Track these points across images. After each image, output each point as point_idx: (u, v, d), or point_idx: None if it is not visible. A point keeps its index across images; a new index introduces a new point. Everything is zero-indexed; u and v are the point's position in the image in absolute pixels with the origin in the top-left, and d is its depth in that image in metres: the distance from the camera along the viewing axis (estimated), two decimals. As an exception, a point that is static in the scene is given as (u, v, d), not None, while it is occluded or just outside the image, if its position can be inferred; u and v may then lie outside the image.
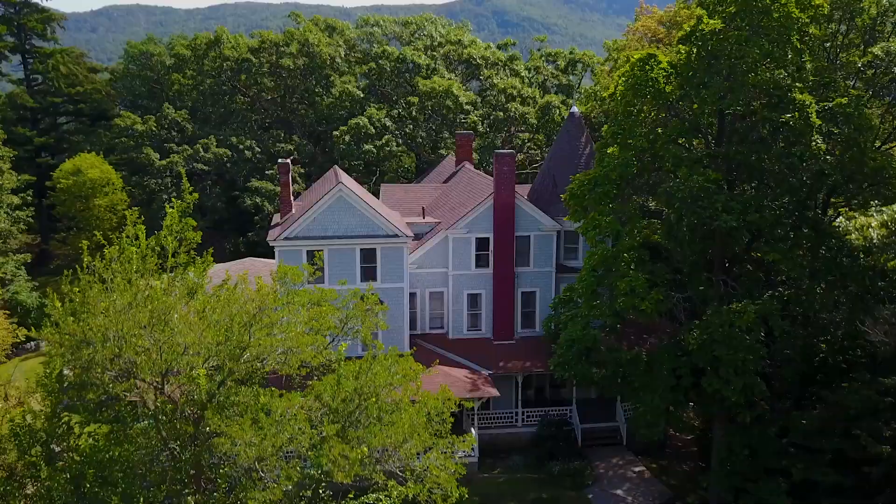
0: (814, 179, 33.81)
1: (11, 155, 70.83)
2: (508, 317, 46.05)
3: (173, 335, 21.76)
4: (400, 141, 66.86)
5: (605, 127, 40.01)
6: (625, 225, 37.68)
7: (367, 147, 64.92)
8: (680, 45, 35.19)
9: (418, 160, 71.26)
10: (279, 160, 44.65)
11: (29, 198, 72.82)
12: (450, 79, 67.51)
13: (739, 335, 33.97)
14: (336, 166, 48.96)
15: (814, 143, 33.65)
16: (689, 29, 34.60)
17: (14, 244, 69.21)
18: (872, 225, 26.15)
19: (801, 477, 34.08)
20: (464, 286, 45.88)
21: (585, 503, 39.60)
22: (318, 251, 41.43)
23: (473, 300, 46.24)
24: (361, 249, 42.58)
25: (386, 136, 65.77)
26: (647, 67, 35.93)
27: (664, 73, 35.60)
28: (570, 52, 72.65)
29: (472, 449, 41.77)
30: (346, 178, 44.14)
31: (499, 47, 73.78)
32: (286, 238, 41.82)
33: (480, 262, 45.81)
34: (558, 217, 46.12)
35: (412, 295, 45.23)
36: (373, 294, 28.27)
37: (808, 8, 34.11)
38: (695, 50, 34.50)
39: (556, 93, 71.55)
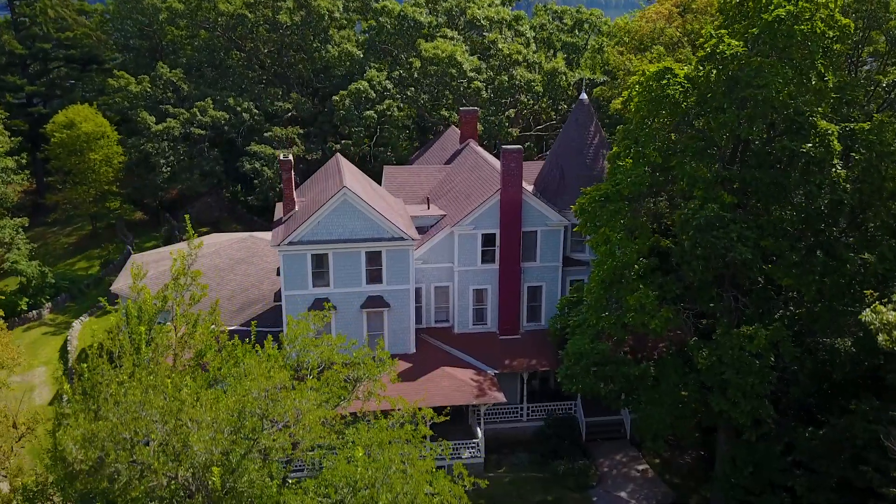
0: (831, 208, 33.07)
1: (4, 116, 69.15)
2: (514, 312, 45.79)
3: (187, 435, 21.51)
4: (402, 104, 65.17)
5: (619, 130, 38.98)
6: (633, 234, 37.05)
7: (367, 113, 63.36)
8: (699, 65, 33.85)
9: (420, 119, 69.77)
10: (281, 157, 43.52)
11: (24, 160, 71.50)
12: (452, 38, 65.34)
13: (749, 359, 33.84)
14: (338, 154, 47.76)
15: (834, 172, 32.83)
16: (709, 49, 33.18)
17: (10, 203, 68.21)
18: (899, 323, 25.70)
19: (807, 501, 34.48)
20: (469, 282, 45.45)
21: (589, 507, 40.32)
22: (322, 255, 41.59)
23: (479, 295, 45.87)
24: (367, 252, 41.99)
25: (387, 101, 64.12)
26: (664, 82, 34.68)
27: (681, 89, 34.35)
28: (577, 11, 70.23)
29: (478, 449, 42.31)
30: (348, 176, 43.08)
31: (502, 3, 71.09)
32: (290, 243, 41.15)
33: (486, 257, 45.26)
34: (565, 210, 45.35)
35: (417, 290, 44.85)
36: (383, 350, 27.89)
37: (833, 27, 32.70)
38: (714, 72, 33.19)
39: (561, 49, 69.51)
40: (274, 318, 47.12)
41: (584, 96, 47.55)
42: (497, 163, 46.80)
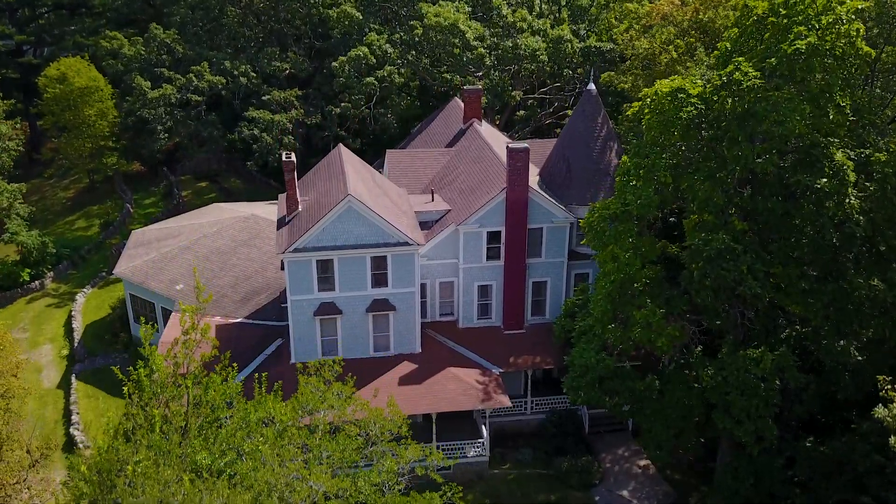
0: (843, 241, 32.79)
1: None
2: (519, 308, 45.85)
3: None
4: (402, 71, 63.66)
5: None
6: (639, 248, 36.82)
7: (367, 79, 61.97)
8: (714, 93, 32.95)
9: (421, 82, 68.29)
10: (283, 157, 42.70)
11: (18, 124, 70.17)
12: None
13: (755, 382, 34.14)
14: (341, 145, 46.87)
15: (847, 202, 32.43)
16: (725, 77, 32.22)
17: (7, 167, 67.28)
18: (912, 422, 25.66)
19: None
20: (474, 278, 45.32)
21: (591, 507, 41.30)
22: (327, 260, 41.37)
23: (484, 291, 45.81)
24: (372, 257, 41.72)
25: (388, 67, 62.62)
26: (677, 102, 33.84)
27: (694, 111, 33.53)
28: (585, -30, 67.83)
29: (484, 448, 43.05)
30: (352, 177, 42.32)
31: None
32: (295, 250, 40.83)
33: (491, 254, 44.96)
34: (571, 205, 44.94)
35: (422, 285, 44.71)
36: (397, 408, 28.11)
37: (853, 55, 31.76)
38: (729, 101, 32.33)
39: (566, 6, 67.53)
40: (279, 311, 47.28)
41: (591, 86, 46.40)
42: (502, 149, 46.06)
